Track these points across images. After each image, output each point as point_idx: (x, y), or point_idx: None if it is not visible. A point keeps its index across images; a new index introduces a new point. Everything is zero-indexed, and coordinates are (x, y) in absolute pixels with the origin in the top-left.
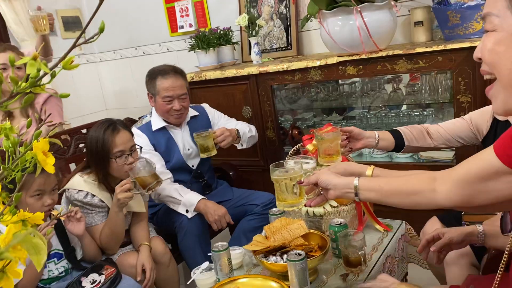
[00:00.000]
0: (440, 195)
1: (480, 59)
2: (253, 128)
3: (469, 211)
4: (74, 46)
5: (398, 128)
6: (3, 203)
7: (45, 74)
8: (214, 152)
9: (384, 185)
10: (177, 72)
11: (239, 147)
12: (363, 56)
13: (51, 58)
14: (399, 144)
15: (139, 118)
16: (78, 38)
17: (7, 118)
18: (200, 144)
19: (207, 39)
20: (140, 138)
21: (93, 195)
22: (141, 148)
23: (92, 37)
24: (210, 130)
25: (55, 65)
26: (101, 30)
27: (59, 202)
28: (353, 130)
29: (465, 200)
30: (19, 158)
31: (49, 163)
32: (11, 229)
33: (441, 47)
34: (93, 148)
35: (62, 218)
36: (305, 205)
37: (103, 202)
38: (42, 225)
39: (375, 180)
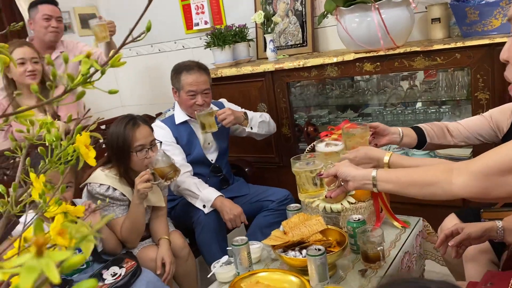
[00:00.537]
0: (457, 186)
1: (507, 61)
2: (266, 115)
3: (483, 201)
4: (123, 45)
5: (419, 125)
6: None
7: (96, 71)
8: (214, 129)
9: (401, 176)
10: (201, 68)
11: (247, 129)
12: (381, 53)
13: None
14: (421, 141)
15: (156, 114)
16: (126, 37)
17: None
18: (201, 121)
19: (223, 36)
20: (164, 131)
21: (114, 189)
22: (161, 142)
23: (139, 36)
24: (210, 108)
25: (105, 63)
26: (148, 29)
27: (80, 196)
28: (378, 126)
29: (482, 192)
30: (62, 151)
31: (91, 156)
32: (59, 219)
33: (459, 44)
34: (114, 143)
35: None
36: (325, 196)
37: (124, 196)
38: None
39: (393, 171)
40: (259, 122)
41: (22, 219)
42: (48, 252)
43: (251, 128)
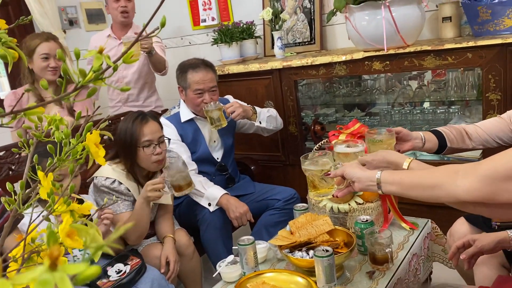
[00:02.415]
0: (461, 188)
1: None
2: (273, 110)
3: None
4: (136, 40)
5: (438, 129)
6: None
7: (108, 67)
8: (224, 124)
9: (405, 177)
10: (207, 65)
11: (256, 123)
12: (390, 52)
13: (165, 72)
14: (442, 146)
15: (162, 111)
16: (139, 34)
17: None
18: (209, 116)
19: (230, 33)
20: (169, 128)
21: (120, 183)
22: (169, 139)
23: (153, 32)
24: (218, 103)
25: (118, 59)
26: (162, 24)
27: (87, 192)
28: (401, 131)
29: (487, 197)
30: (71, 149)
31: (100, 155)
32: (68, 220)
33: (471, 44)
34: (122, 138)
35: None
36: (333, 195)
37: (129, 191)
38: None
39: (397, 173)
40: (267, 116)
41: (27, 211)
42: (62, 265)
43: (260, 122)
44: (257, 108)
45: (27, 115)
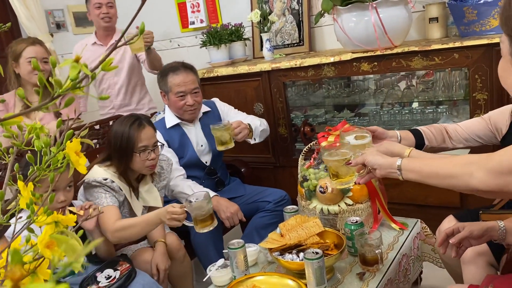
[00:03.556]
0: (476, 180)
1: None
2: (264, 121)
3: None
4: (115, 47)
5: (418, 128)
6: (36, 203)
7: (86, 76)
8: (231, 145)
9: (424, 166)
10: (187, 67)
11: (251, 141)
12: (378, 53)
13: None
14: (420, 144)
15: (151, 114)
16: (118, 40)
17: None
18: (217, 136)
19: (219, 35)
20: None
21: (113, 181)
22: (162, 145)
23: (132, 38)
24: (227, 122)
25: (96, 67)
26: (141, 31)
27: (75, 198)
28: (377, 130)
29: (498, 188)
30: (52, 158)
31: (81, 164)
32: (48, 231)
33: (457, 44)
34: (118, 142)
35: (78, 212)
36: (355, 183)
37: (121, 190)
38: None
39: (416, 161)
40: (260, 131)
41: (13, 221)
42: (25, 286)
43: (254, 139)
44: (252, 124)
45: (4, 125)
